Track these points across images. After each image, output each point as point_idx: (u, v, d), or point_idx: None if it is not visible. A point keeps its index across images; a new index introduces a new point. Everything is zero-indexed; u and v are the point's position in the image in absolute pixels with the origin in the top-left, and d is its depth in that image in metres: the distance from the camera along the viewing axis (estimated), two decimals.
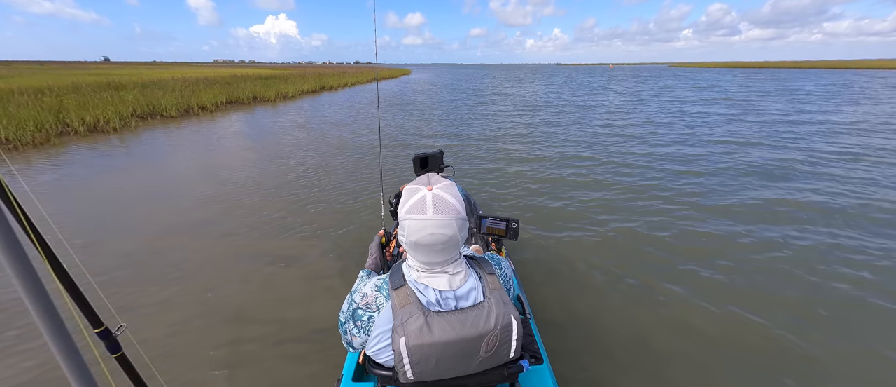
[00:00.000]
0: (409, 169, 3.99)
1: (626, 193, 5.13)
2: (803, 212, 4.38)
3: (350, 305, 0.92)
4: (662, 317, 2.63)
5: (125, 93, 12.77)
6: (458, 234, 0.83)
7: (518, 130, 10.19)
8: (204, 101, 13.23)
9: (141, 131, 9.43)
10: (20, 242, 0.69)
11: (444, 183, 0.87)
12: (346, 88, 26.84)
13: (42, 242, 0.81)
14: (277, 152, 7.52)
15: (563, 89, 25.57)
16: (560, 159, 6.98)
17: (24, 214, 0.77)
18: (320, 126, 10.69)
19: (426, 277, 0.86)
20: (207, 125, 10.61)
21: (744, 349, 2.33)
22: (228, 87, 17.07)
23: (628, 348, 2.35)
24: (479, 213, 1.76)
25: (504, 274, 1.00)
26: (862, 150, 7.37)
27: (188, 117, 11.87)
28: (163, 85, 15.25)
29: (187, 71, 30.60)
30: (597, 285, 3.02)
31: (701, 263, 3.30)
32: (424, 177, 0.90)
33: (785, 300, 2.79)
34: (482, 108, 15.42)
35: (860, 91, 21.96)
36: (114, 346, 1.05)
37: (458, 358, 0.83)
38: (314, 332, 2.46)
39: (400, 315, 0.81)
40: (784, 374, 2.15)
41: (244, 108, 14.78)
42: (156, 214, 4.40)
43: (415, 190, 0.86)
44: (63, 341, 0.75)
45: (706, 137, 8.77)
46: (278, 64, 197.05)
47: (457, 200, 0.85)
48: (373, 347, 0.89)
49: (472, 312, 0.83)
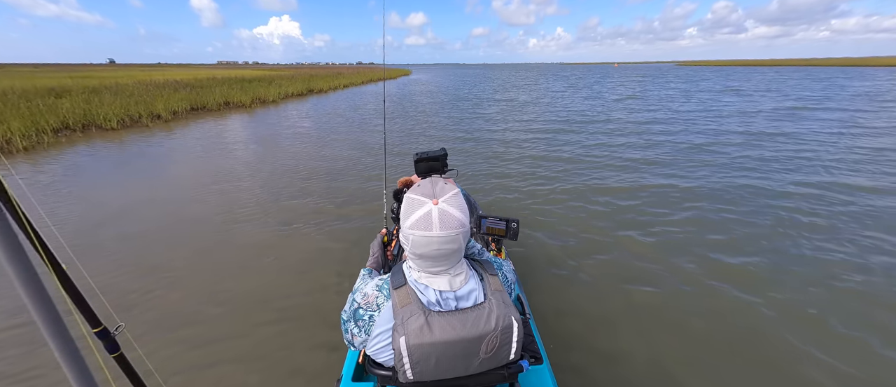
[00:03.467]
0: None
1: (626, 194, 5.04)
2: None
3: (351, 304, 0.91)
4: (663, 317, 2.63)
5: (66, 100, 10.91)
6: (462, 244, 0.83)
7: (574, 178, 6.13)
8: (158, 108, 11.36)
9: (64, 149, 7.58)
10: (20, 243, 0.69)
11: (450, 194, 0.84)
12: (337, 91, 24.92)
13: (41, 242, 0.80)
14: (186, 191, 5.62)
15: (597, 93, 21.93)
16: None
17: (24, 216, 0.76)
18: (280, 142, 8.79)
19: (427, 278, 0.86)
20: (143, 140, 8.75)
21: (745, 351, 2.31)
22: (199, 92, 15.23)
23: (629, 348, 2.34)
24: (479, 213, 1.67)
25: (505, 276, 0.99)
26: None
27: (133, 129, 10.02)
28: (120, 90, 13.40)
29: (186, 73, 28.92)
30: (597, 286, 3.00)
31: (702, 262, 3.31)
32: (428, 183, 0.87)
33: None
34: (495, 126, 13.29)
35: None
36: (112, 346, 1.05)
37: (457, 358, 0.83)
38: (313, 334, 2.44)
39: (400, 314, 0.81)
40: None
41: (212, 115, 12.92)
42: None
43: (419, 202, 0.83)
44: (63, 341, 0.77)
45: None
46: (281, 65, 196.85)
47: (462, 212, 0.83)
48: (373, 346, 0.88)
49: (473, 312, 0.83)
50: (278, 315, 2.64)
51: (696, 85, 26.77)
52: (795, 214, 4.26)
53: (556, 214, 4.44)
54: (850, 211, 4.33)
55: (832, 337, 2.41)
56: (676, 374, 2.15)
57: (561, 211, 4.53)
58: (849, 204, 4.54)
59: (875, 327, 2.49)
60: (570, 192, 5.20)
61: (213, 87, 17.40)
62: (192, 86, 16.92)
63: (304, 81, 23.93)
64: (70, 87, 12.81)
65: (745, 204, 4.61)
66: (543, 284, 2.99)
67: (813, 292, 2.86)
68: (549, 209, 4.59)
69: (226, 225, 4.17)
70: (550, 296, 2.85)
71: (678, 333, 2.47)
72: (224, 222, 4.23)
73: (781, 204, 4.55)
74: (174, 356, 2.28)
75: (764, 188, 5.16)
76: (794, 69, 61.96)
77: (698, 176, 5.77)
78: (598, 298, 2.85)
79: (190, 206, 4.78)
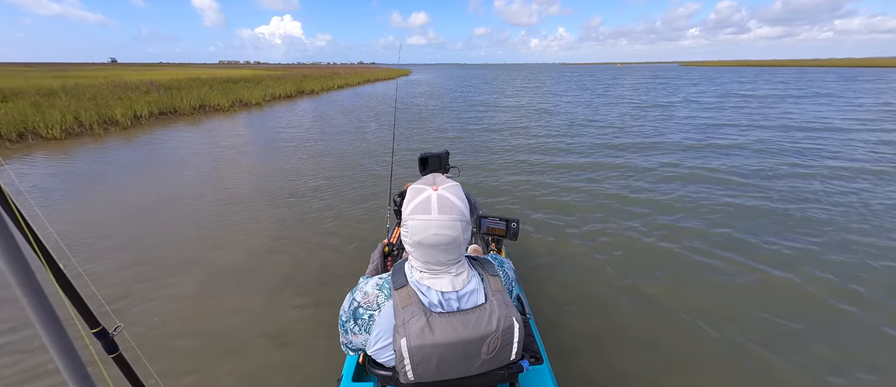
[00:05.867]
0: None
1: (626, 196, 5.01)
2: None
3: (351, 303, 0.89)
4: (663, 318, 2.61)
5: (12, 104, 9.50)
6: (461, 235, 0.82)
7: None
8: (115, 114, 9.96)
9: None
10: (18, 245, 0.68)
11: (449, 184, 0.85)
12: (331, 92, 23.51)
13: (39, 243, 0.81)
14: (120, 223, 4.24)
15: (615, 100, 18.41)
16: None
17: (22, 217, 0.76)
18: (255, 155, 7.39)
19: (429, 278, 0.85)
20: (85, 153, 7.36)
21: (749, 353, 2.28)
22: (174, 94, 13.83)
23: (629, 348, 2.34)
24: (479, 213, 1.63)
25: (506, 276, 0.98)
26: None
27: (82, 138, 8.63)
28: (82, 92, 11.96)
29: (184, 72, 27.58)
30: (598, 286, 2.99)
31: (701, 263, 3.30)
32: (429, 177, 0.88)
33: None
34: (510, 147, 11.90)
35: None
36: (111, 346, 1.05)
37: (459, 359, 0.82)
38: (312, 336, 2.43)
39: (401, 315, 0.80)
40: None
41: (184, 120, 11.54)
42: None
43: (419, 190, 0.83)
44: (61, 342, 0.76)
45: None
46: (282, 64, 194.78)
47: (461, 201, 0.83)
48: (373, 346, 0.87)
49: (474, 313, 0.82)
50: (278, 317, 2.62)
51: (734, 88, 24.53)
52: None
53: (557, 213, 4.36)
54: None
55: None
56: (677, 374, 2.14)
57: (561, 209, 4.45)
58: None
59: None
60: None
61: (193, 88, 16.00)
62: (169, 87, 15.51)
63: (295, 82, 22.47)
64: (23, 88, 11.38)
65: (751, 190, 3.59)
66: (544, 284, 3.00)
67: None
68: (550, 208, 4.52)
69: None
70: (551, 296, 2.85)
71: (679, 333, 2.47)
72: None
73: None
74: (174, 357, 2.27)
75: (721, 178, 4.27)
76: (823, 70, 60.11)
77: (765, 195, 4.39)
78: (598, 298, 2.84)
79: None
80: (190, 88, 15.85)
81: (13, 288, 0.68)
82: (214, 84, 18.02)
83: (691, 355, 2.27)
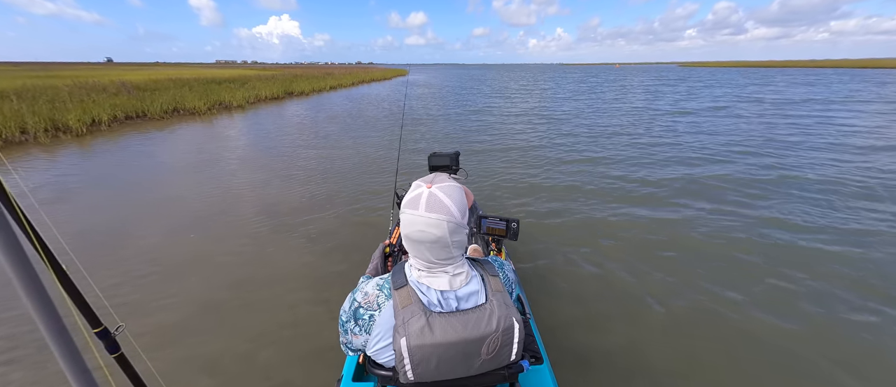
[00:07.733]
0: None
1: (621, 196, 4.93)
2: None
3: (351, 303, 0.89)
4: (664, 318, 2.57)
5: None
6: (447, 236, 0.80)
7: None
8: (68, 119, 8.80)
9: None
10: (20, 244, 0.67)
11: (446, 184, 0.84)
12: (321, 94, 22.33)
13: (41, 242, 0.80)
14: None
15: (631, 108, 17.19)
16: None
17: (24, 216, 0.76)
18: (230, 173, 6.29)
19: (427, 278, 0.85)
20: (18, 166, 6.23)
21: (749, 355, 2.23)
22: (146, 96, 12.66)
23: (629, 348, 2.30)
24: (479, 213, 1.61)
25: (506, 277, 0.97)
26: None
27: (24, 148, 7.48)
28: (39, 94, 10.75)
29: (177, 72, 26.53)
30: (598, 286, 2.95)
31: (703, 264, 3.24)
32: (432, 175, 0.88)
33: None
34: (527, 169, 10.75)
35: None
36: (113, 346, 1.03)
37: (458, 359, 0.82)
38: (312, 335, 2.41)
39: (401, 315, 0.80)
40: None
41: (152, 126, 10.38)
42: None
43: (416, 186, 0.85)
44: (63, 341, 0.74)
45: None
46: (280, 64, 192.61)
47: (453, 201, 0.82)
48: (373, 346, 0.87)
49: (474, 313, 0.82)
50: (278, 318, 2.60)
51: (749, 91, 23.42)
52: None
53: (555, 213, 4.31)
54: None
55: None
56: (678, 374, 2.11)
57: (561, 209, 4.42)
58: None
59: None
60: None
61: (169, 89, 14.82)
62: (144, 89, 14.32)
63: (283, 83, 21.28)
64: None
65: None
66: (544, 284, 2.96)
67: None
68: (549, 209, 4.47)
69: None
70: (551, 296, 2.82)
71: (680, 333, 2.43)
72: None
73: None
74: (175, 357, 2.26)
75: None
76: (836, 71, 59.05)
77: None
78: (598, 298, 2.80)
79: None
80: (166, 90, 14.68)
81: (15, 288, 0.67)
82: (195, 85, 16.83)
83: (692, 356, 2.23)
